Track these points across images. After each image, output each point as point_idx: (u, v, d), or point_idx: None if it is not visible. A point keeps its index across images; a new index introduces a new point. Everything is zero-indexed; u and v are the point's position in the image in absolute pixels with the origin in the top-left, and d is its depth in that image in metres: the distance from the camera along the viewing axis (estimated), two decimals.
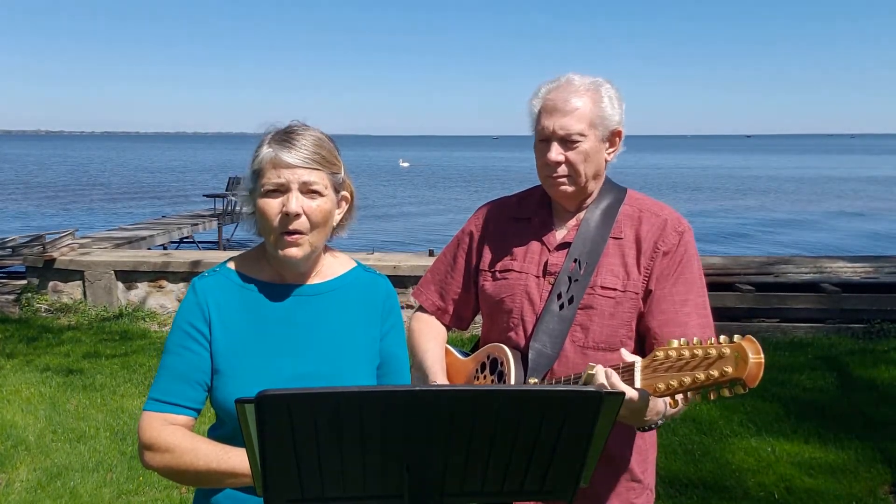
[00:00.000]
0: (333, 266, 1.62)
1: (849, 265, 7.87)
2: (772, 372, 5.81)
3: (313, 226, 1.46)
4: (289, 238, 1.45)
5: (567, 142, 1.71)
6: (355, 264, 1.66)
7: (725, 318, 6.80)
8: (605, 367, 1.48)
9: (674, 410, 1.54)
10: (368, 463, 1.00)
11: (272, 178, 1.43)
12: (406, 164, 66.75)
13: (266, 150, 1.45)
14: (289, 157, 1.42)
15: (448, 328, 2.04)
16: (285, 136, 1.46)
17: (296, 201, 1.42)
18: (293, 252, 1.46)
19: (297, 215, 1.43)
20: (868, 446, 4.37)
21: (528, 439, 1.01)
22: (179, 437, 1.42)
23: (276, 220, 1.44)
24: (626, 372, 1.45)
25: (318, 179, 1.45)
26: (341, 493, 1.04)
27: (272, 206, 1.44)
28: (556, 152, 1.72)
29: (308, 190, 1.44)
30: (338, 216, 1.55)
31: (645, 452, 1.85)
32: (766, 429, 4.70)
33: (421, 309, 2.04)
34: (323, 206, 1.46)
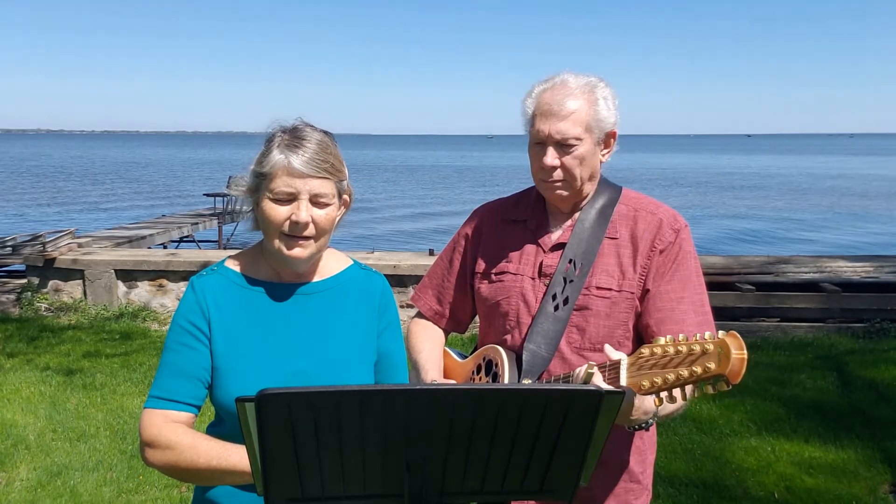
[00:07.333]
0: (330, 264, 1.63)
1: (849, 265, 7.87)
2: (772, 372, 5.81)
3: (320, 233, 1.49)
4: (296, 241, 1.47)
5: (563, 146, 1.69)
6: (351, 262, 1.67)
7: (726, 317, 6.81)
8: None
9: (671, 408, 1.52)
10: (368, 462, 1.00)
11: (283, 187, 1.44)
12: None
13: (278, 156, 1.45)
14: (301, 166, 1.43)
15: (446, 332, 2.03)
16: (295, 141, 1.46)
17: (305, 211, 1.45)
18: (298, 253, 1.48)
19: (307, 224, 1.45)
20: (868, 446, 4.37)
21: (528, 438, 1.01)
22: (180, 435, 1.43)
23: (283, 227, 1.46)
24: (612, 370, 1.44)
25: (328, 190, 1.47)
26: (341, 493, 1.04)
27: (280, 212, 1.46)
28: (551, 157, 1.70)
29: (317, 200, 1.46)
30: (338, 218, 1.56)
31: (643, 453, 1.84)
32: (766, 429, 4.70)
33: (420, 314, 2.04)
34: (330, 214, 1.49)
